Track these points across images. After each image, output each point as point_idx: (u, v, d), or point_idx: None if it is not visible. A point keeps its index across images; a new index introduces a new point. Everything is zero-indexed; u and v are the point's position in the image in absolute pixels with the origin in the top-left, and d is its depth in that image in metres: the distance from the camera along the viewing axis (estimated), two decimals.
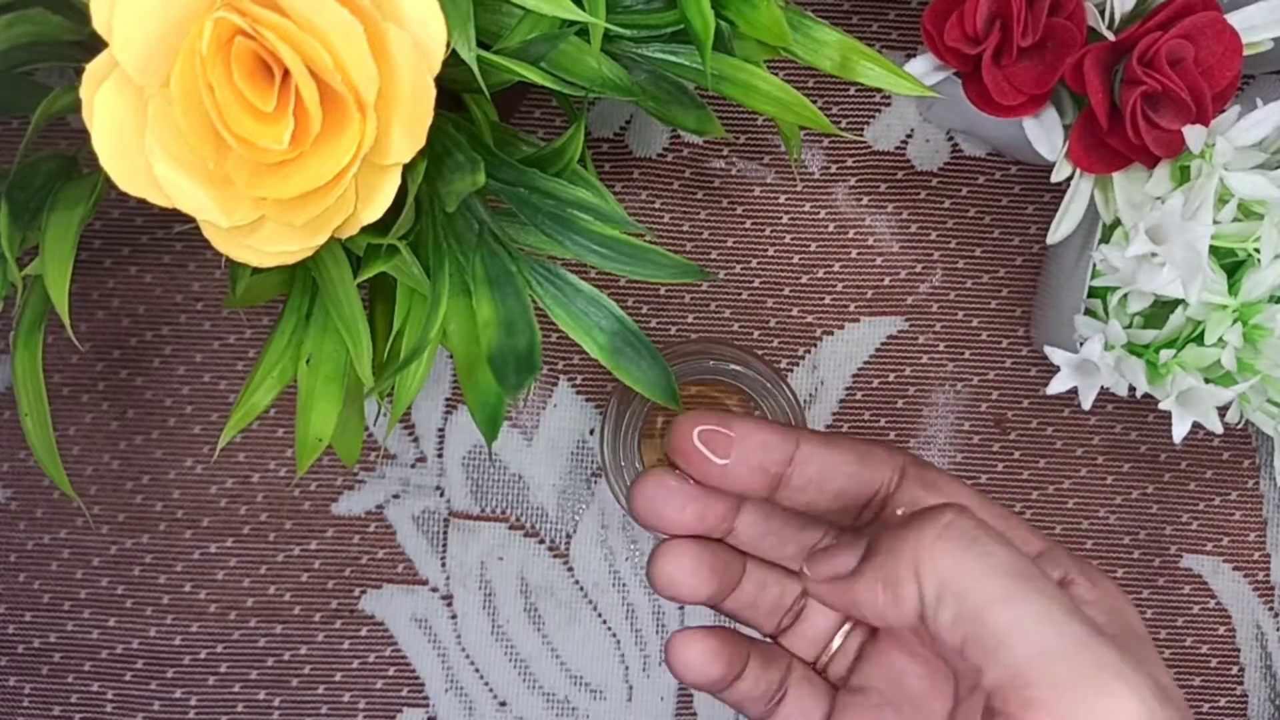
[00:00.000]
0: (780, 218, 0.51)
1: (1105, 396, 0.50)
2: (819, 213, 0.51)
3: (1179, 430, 0.40)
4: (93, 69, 0.27)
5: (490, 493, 0.51)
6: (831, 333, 0.51)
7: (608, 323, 0.33)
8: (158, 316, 0.50)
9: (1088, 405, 0.40)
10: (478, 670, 0.51)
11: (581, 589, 0.51)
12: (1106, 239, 0.42)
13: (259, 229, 0.29)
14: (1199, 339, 0.40)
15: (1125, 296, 0.41)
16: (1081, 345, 0.40)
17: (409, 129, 0.28)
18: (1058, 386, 0.41)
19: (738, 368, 0.46)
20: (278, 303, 0.46)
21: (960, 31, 0.39)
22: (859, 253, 0.51)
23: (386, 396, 0.35)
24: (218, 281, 0.50)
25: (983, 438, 0.51)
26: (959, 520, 0.28)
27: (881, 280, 0.51)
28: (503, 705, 0.51)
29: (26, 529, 0.50)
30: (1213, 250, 0.39)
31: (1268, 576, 0.51)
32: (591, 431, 0.51)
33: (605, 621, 0.51)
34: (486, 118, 0.35)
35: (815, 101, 0.46)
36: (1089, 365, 0.40)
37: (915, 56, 0.41)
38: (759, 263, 0.50)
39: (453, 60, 0.29)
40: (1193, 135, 0.38)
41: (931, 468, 0.34)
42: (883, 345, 0.51)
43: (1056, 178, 0.41)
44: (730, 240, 0.51)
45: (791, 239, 0.50)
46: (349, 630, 0.50)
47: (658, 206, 0.50)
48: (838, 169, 0.51)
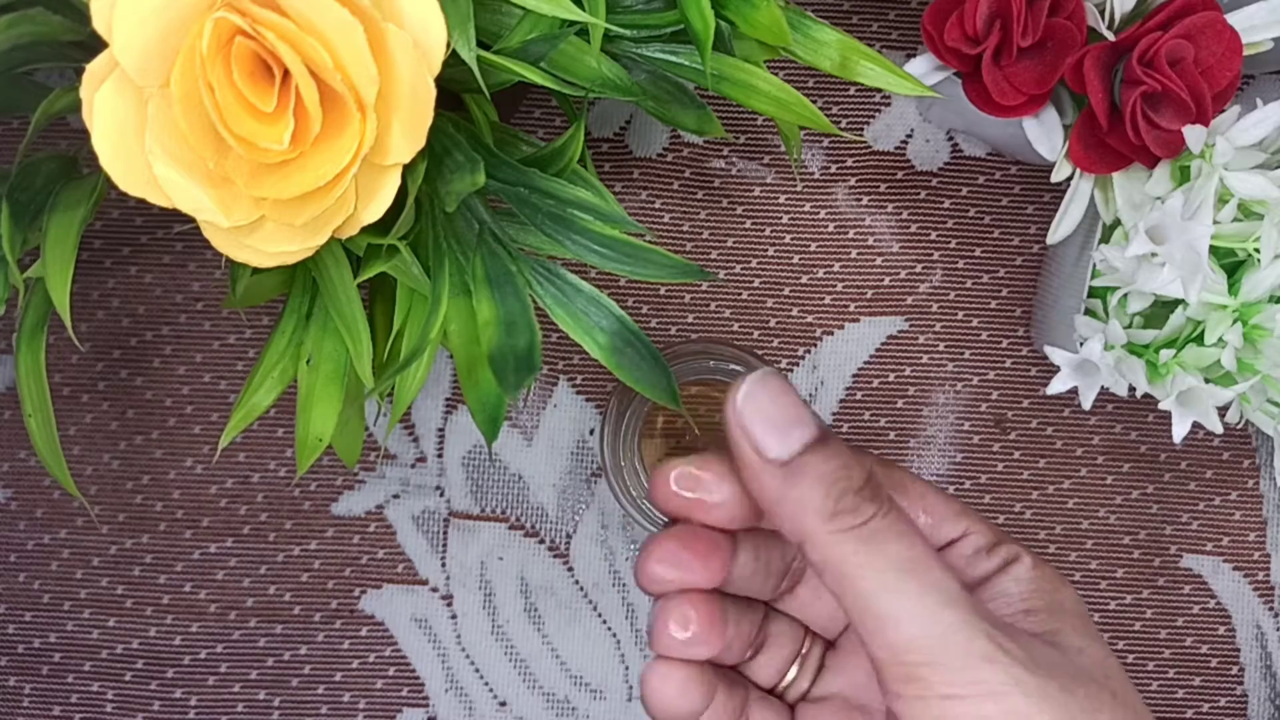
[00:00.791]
0: (780, 218, 0.51)
1: (1105, 396, 0.50)
2: (819, 213, 0.51)
3: (1179, 430, 0.40)
4: (93, 69, 0.27)
5: (490, 493, 0.51)
6: (831, 333, 0.51)
7: (608, 323, 0.33)
8: (158, 316, 0.50)
9: (1088, 405, 0.40)
10: (478, 670, 0.51)
11: (581, 589, 0.51)
12: (1106, 239, 0.42)
13: (259, 229, 0.29)
14: (1199, 339, 0.40)
15: (1125, 296, 0.41)
16: (1081, 345, 0.40)
17: (409, 129, 0.28)
18: (1058, 387, 0.41)
19: (738, 368, 0.46)
20: (278, 303, 0.46)
21: (960, 31, 0.39)
22: (859, 253, 0.51)
23: (386, 396, 0.35)
24: (218, 281, 0.50)
25: (983, 438, 0.51)
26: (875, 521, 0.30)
27: (881, 280, 0.51)
28: (503, 705, 0.51)
29: (26, 529, 0.50)
30: (1213, 250, 0.39)
31: (1268, 576, 0.51)
32: (591, 431, 0.51)
33: (605, 621, 0.51)
34: (486, 118, 0.35)
35: (815, 101, 0.46)
36: (1089, 365, 0.40)
37: (915, 56, 0.41)
38: (759, 263, 0.50)
39: (453, 60, 0.29)
40: (1193, 135, 0.38)
41: (898, 468, 0.33)
42: (883, 345, 0.51)
43: (1056, 178, 0.41)
44: (730, 240, 0.51)
45: (791, 239, 0.50)
46: (349, 630, 0.50)
47: (658, 206, 0.50)
48: (838, 169, 0.51)
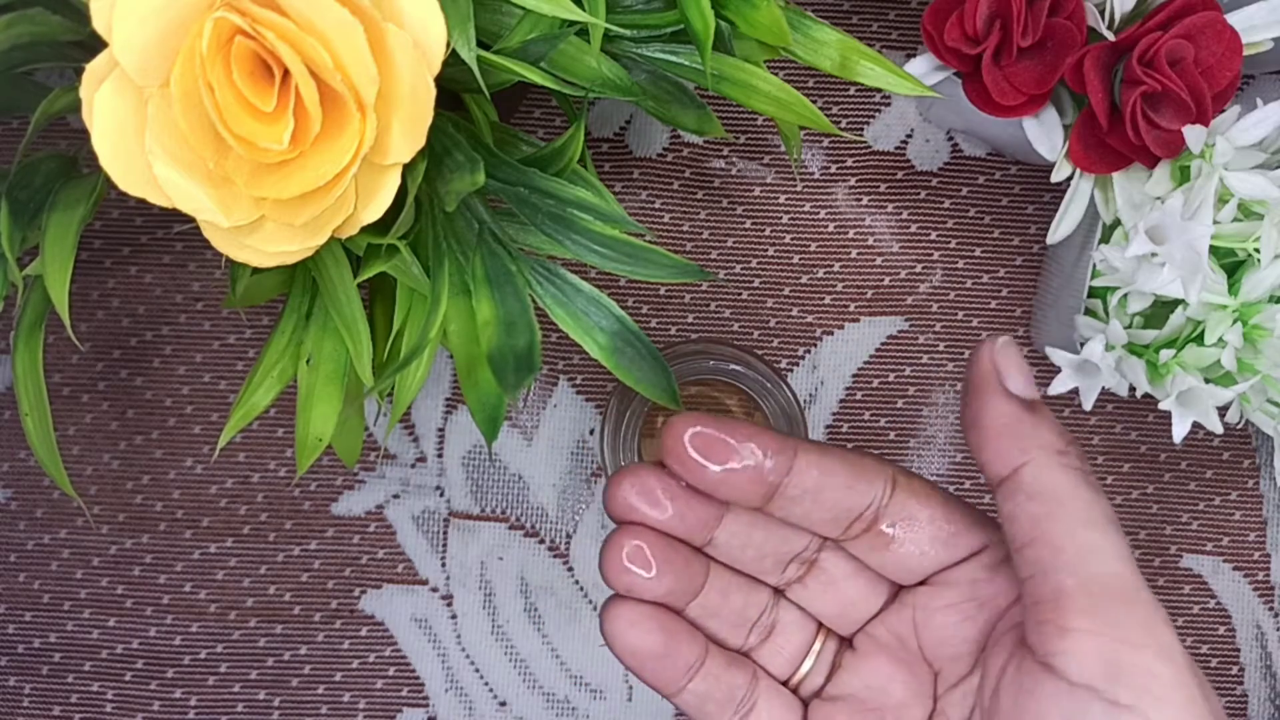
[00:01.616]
0: (780, 218, 0.51)
1: (1105, 396, 0.50)
2: (819, 213, 0.51)
3: (1179, 430, 0.40)
4: (93, 69, 0.27)
5: (490, 493, 0.51)
6: (831, 333, 0.51)
7: (608, 323, 0.33)
8: (158, 316, 0.50)
9: (1089, 406, 0.40)
10: (478, 670, 0.51)
11: (581, 589, 0.51)
12: (1106, 239, 0.42)
13: (259, 229, 0.29)
14: (1199, 339, 0.40)
15: (1125, 296, 0.41)
16: (1082, 345, 0.40)
17: (409, 129, 0.28)
18: (1059, 387, 0.41)
19: (738, 368, 0.46)
20: (278, 303, 0.46)
21: (960, 31, 0.39)
22: (859, 253, 0.51)
23: (386, 396, 0.35)
24: (218, 281, 0.50)
25: None
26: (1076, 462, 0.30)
27: (881, 280, 0.51)
28: (503, 705, 0.51)
29: (26, 529, 0.50)
30: (1213, 250, 0.39)
31: (1268, 576, 0.51)
32: (591, 431, 0.51)
33: None
34: (486, 117, 0.35)
35: (815, 101, 0.46)
36: (1090, 366, 0.40)
37: (915, 56, 0.41)
38: (759, 263, 0.50)
39: (453, 60, 0.29)
40: (1193, 135, 0.38)
41: (918, 478, 0.33)
42: (883, 345, 0.51)
43: (1056, 178, 0.41)
44: (730, 240, 0.51)
45: (791, 239, 0.50)
46: (349, 630, 0.50)
47: (658, 206, 0.50)
48: (838, 169, 0.51)
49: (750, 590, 0.34)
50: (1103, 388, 0.41)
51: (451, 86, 0.34)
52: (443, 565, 0.50)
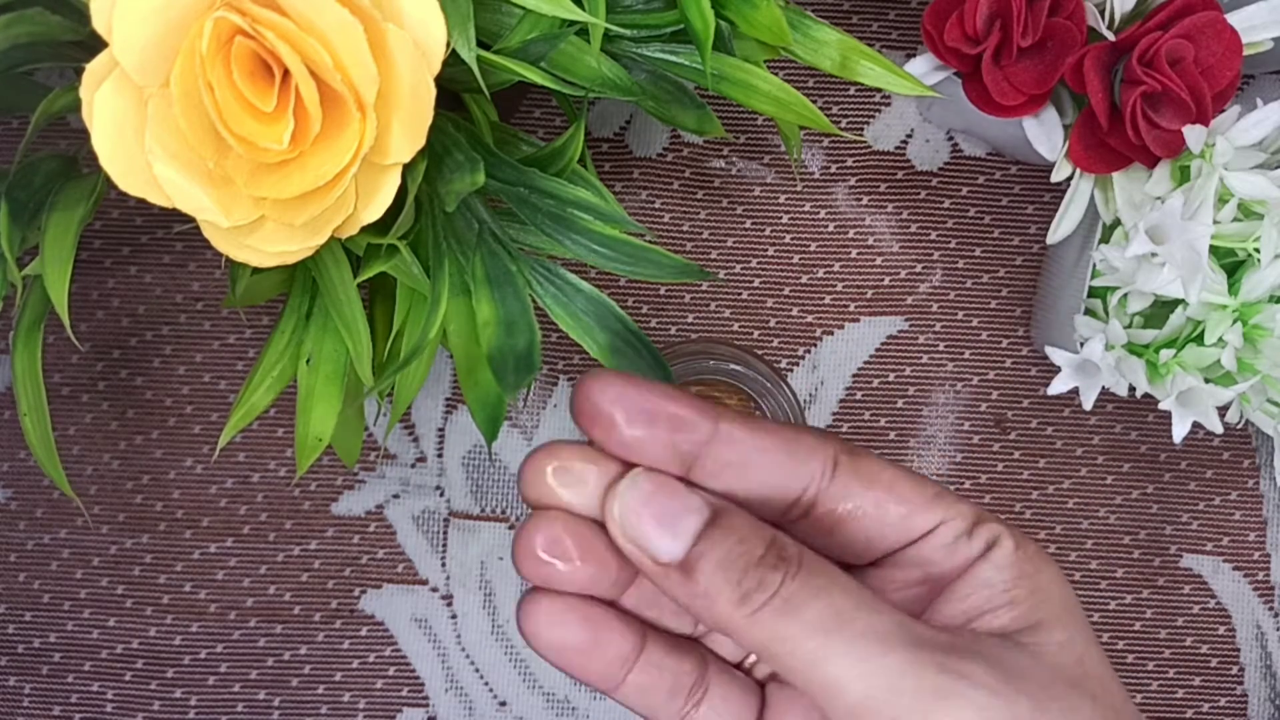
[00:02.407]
0: (780, 218, 0.51)
1: (1105, 396, 0.50)
2: (819, 213, 0.51)
3: (1179, 430, 0.40)
4: (93, 69, 0.27)
5: (490, 493, 0.51)
6: (831, 333, 0.51)
7: (608, 323, 0.33)
8: (158, 316, 0.50)
9: (1089, 406, 0.40)
10: (478, 670, 0.51)
11: None
12: (1106, 239, 0.42)
13: (259, 229, 0.29)
14: (1199, 339, 0.40)
15: (1125, 296, 0.41)
16: (1082, 345, 0.40)
17: (409, 129, 0.28)
18: (1059, 387, 0.41)
19: (738, 368, 0.46)
20: (278, 303, 0.46)
21: (960, 31, 0.39)
22: (859, 253, 0.51)
23: (386, 396, 0.35)
24: (218, 281, 0.50)
25: (983, 438, 0.51)
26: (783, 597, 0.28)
27: (881, 280, 0.51)
28: (503, 705, 0.51)
29: (26, 529, 0.50)
30: (1213, 250, 0.39)
31: (1268, 576, 0.51)
32: None
33: None
34: (486, 117, 0.35)
35: (815, 101, 0.46)
36: (1090, 365, 0.40)
37: (915, 56, 0.41)
38: (759, 263, 0.50)
39: (453, 60, 0.29)
40: (1193, 135, 0.38)
41: (866, 455, 0.30)
42: (883, 345, 0.51)
43: (1056, 178, 0.41)
44: (730, 240, 0.51)
45: (791, 239, 0.50)
46: (349, 630, 0.50)
47: (658, 206, 0.50)
48: (838, 169, 0.51)
49: None
50: (1103, 387, 0.41)
51: (451, 86, 0.34)
52: (443, 565, 0.50)
